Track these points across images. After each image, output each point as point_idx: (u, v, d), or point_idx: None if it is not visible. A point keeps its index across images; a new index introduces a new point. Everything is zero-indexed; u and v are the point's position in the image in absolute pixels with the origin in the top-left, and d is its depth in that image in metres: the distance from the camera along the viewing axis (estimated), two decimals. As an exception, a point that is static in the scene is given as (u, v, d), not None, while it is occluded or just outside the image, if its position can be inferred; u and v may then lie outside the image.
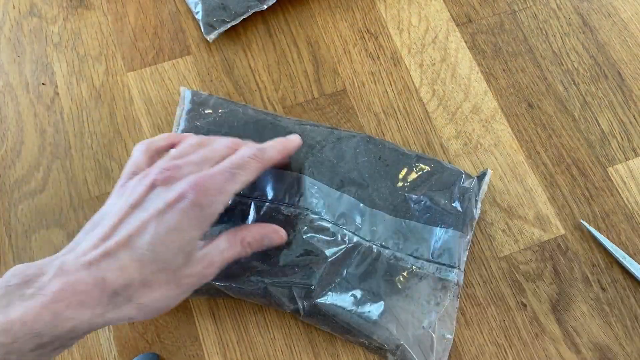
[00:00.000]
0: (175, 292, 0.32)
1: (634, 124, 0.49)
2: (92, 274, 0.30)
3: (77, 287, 0.29)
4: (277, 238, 0.38)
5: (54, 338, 0.28)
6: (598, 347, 0.42)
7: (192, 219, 0.32)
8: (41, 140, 0.48)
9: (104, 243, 0.31)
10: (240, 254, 0.35)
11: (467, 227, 0.43)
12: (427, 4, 0.53)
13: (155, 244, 0.31)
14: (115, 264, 0.30)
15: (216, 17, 0.50)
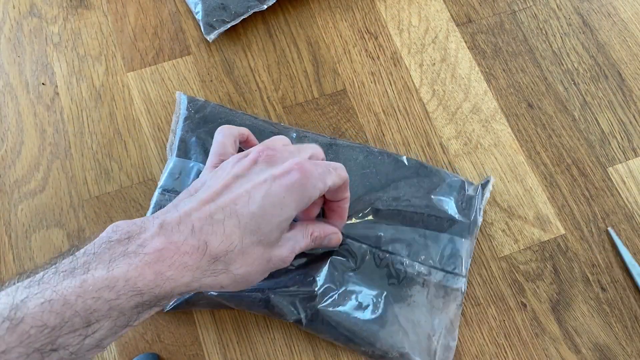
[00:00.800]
0: (263, 269, 0.32)
1: (634, 124, 0.49)
2: (196, 236, 0.30)
3: (180, 248, 0.29)
4: (335, 239, 0.38)
5: (153, 297, 0.28)
6: (598, 347, 0.42)
7: (295, 197, 0.32)
8: (41, 140, 0.48)
9: (207, 206, 0.31)
10: (308, 246, 0.36)
11: (472, 234, 0.43)
12: (427, 4, 0.53)
13: (258, 215, 0.31)
14: (219, 229, 0.30)
15: (216, 17, 0.50)
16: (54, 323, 0.25)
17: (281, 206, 0.32)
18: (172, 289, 0.29)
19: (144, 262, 0.28)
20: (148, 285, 0.28)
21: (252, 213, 0.31)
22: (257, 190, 0.32)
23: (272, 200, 0.32)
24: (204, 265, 0.30)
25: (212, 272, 0.30)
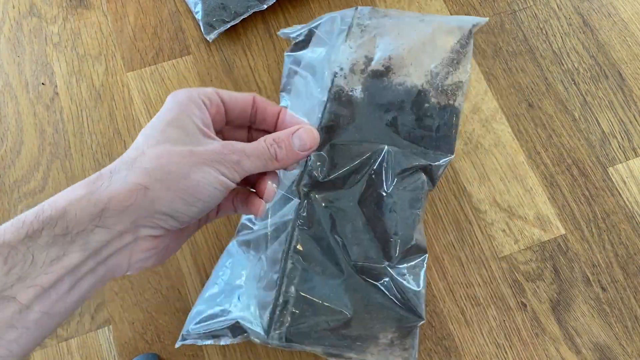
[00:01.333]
0: (187, 159, 0.29)
1: (634, 124, 0.49)
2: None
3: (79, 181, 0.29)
4: (308, 135, 0.33)
5: (41, 223, 0.26)
6: (598, 347, 0.42)
7: (170, 105, 0.32)
8: (41, 140, 0.48)
9: None
10: (264, 153, 0.32)
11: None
12: (427, 4, 0.53)
13: (142, 131, 0.31)
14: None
15: (216, 17, 0.50)
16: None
17: (158, 117, 0.31)
18: (65, 207, 0.27)
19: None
20: (31, 212, 0.26)
21: (137, 137, 0.31)
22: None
23: (154, 120, 0.31)
24: (100, 180, 0.28)
25: (117, 180, 0.28)
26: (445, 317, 0.43)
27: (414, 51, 0.39)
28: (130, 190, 0.28)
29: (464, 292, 0.44)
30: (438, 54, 0.39)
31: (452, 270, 0.44)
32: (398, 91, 0.39)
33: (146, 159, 0.29)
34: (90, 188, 0.28)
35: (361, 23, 0.40)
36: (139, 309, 0.43)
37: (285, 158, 0.33)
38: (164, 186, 0.28)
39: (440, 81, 0.39)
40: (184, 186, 0.29)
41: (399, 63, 0.39)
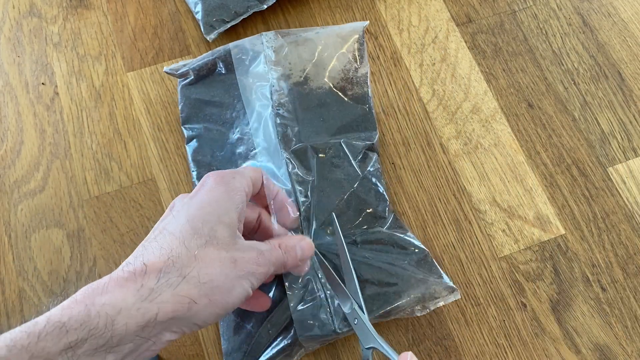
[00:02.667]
0: (233, 272, 0.30)
1: (634, 124, 0.49)
2: (131, 262, 0.28)
3: (114, 276, 0.28)
4: (307, 247, 0.36)
5: (88, 334, 0.25)
6: (598, 347, 0.42)
7: (221, 192, 0.32)
8: (41, 140, 0.48)
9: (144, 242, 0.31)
10: (280, 258, 0.34)
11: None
12: (427, 4, 0.53)
13: (192, 218, 0.31)
14: (153, 245, 0.29)
15: (216, 17, 0.50)
16: None
17: (211, 203, 0.32)
18: (114, 316, 0.25)
19: (72, 300, 0.26)
20: (75, 318, 0.25)
21: (183, 222, 0.31)
22: (183, 206, 0.32)
23: (200, 203, 0.32)
24: (149, 281, 0.27)
25: (167, 285, 0.28)
26: (445, 317, 0.43)
27: (322, 58, 0.46)
28: (178, 303, 0.28)
29: (464, 292, 0.44)
30: (343, 56, 0.46)
31: (452, 270, 0.44)
32: (320, 94, 0.45)
33: (199, 268, 0.29)
34: (140, 293, 0.27)
35: (270, 45, 0.45)
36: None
37: (291, 266, 0.36)
38: (210, 302, 0.29)
39: (352, 75, 0.46)
40: (226, 303, 0.30)
41: (313, 71, 0.45)
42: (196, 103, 0.46)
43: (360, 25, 0.47)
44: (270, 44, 0.45)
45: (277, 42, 0.45)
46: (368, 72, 0.46)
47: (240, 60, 0.45)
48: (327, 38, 0.46)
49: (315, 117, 0.44)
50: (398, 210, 0.46)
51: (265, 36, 0.45)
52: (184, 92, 0.47)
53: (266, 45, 0.45)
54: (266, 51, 0.45)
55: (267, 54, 0.45)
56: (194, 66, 0.46)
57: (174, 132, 0.49)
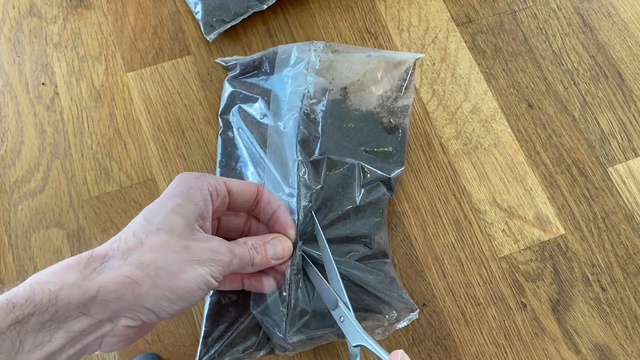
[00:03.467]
0: (183, 256, 0.30)
1: (634, 124, 0.49)
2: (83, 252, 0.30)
3: (63, 261, 0.29)
4: (282, 246, 0.37)
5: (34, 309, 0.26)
6: (598, 347, 0.42)
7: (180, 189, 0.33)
8: (41, 140, 0.48)
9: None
10: (245, 255, 0.34)
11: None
12: (427, 4, 0.53)
13: (147, 211, 0.32)
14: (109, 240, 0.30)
15: (216, 17, 0.50)
16: None
17: (168, 199, 0.32)
18: (57, 292, 0.26)
19: (21, 283, 0.27)
20: (21, 295, 0.26)
21: (139, 216, 0.31)
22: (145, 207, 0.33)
23: (157, 200, 0.32)
24: (93, 264, 0.28)
25: (109, 268, 0.28)
26: (445, 317, 0.43)
27: (365, 80, 0.45)
28: (120, 283, 0.28)
29: (464, 292, 0.44)
30: (387, 82, 0.45)
31: (452, 270, 0.44)
32: (354, 115, 0.44)
33: (143, 251, 0.29)
34: (82, 273, 0.28)
35: (317, 55, 0.45)
36: (139, 309, 0.43)
37: (259, 264, 0.35)
38: (153, 283, 0.29)
39: (391, 104, 0.45)
40: (172, 286, 0.30)
41: (353, 91, 0.45)
42: (236, 96, 0.46)
43: (413, 57, 0.46)
44: (318, 53, 0.45)
45: (326, 54, 0.45)
46: (410, 105, 0.45)
47: (284, 60, 0.45)
48: (377, 62, 0.45)
49: (342, 135, 0.43)
50: (398, 210, 0.46)
51: (315, 44, 0.45)
52: (228, 84, 0.47)
53: (314, 53, 0.45)
54: (312, 58, 0.44)
55: (311, 61, 0.44)
56: (242, 62, 0.47)
57: (174, 132, 0.49)
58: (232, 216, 0.38)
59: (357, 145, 0.43)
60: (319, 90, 0.44)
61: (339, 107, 0.44)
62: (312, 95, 0.43)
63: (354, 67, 0.45)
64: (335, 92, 0.44)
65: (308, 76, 0.43)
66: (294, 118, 0.42)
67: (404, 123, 0.45)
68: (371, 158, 0.43)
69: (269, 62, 0.46)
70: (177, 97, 0.50)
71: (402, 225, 0.46)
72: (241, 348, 0.38)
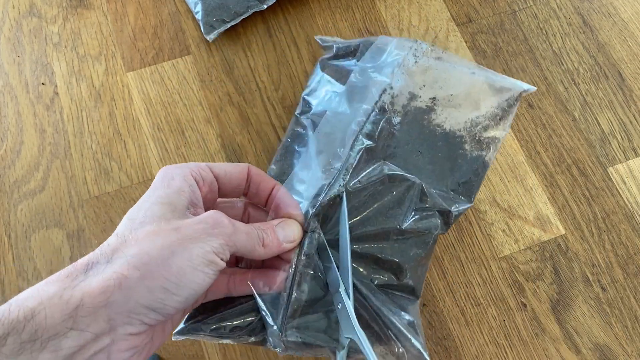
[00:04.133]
0: (173, 237, 0.27)
1: (634, 124, 0.49)
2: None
3: (47, 277, 0.26)
4: (291, 228, 0.33)
5: (11, 328, 0.23)
6: (598, 347, 0.42)
7: (158, 181, 0.30)
8: (41, 140, 0.48)
9: None
10: (253, 231, 0.31)
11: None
12: (427, 4, 0.53)
13: (129, 212, 0.29)
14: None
15: (216, 17, 0.50)
16: None
17: (148, 194, 0.29)
18: (34, 307, 0.23)
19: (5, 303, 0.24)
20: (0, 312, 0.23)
21: (123, 219, 0.28)
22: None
23: (140, 199, 0.29)
24: (76, 273, 0.25)
25: (94, 274, 0.25)
26: (445, 317, 0.43)
27: (460, 98, 0.40)
28: (105, 283, 0.25)
29: (464, 292, 0.44)
30: (484, 107, 0.40)
31: (452, 270, 0.44)
32: (436, 131, 0.39)
33: (127, 247, 0.26)
34: (63, 284, 0.25)
35: (417, 55, 0.40)
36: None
37: (271, 245, 0.31)
38: (142, 274, 0.25)
39: (479, 132, 0.40)
40: (165, 273, 0.26)
41: (443, 105, 0.40)
42: (323, 80, 0.43)
43: (521, 87, 0.41)
44: (418, 53, 0.40)
45: (427, 58, 0.40)
46: (501, 140, 0.40)
47: (378, 50, 0.41)
48: (480, 83, 0.40)
49: (414, 148, 0.38)
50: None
51: (418, 44, 0.41)
52: (320, 64, 0.44)
53: (413, 52, 0.40)
54: (408, 56, 0.40)
55: (407, 59, 0.40)
56: (340, 45, 0.44)
57: (174, 132, 0.49)
58: (228, 207, 0.35)
59: (426, 164, 0.38)
60: (405, 93, 0.39)
61: (421, 117, 0.39)
62: (395, 94, 0.38)
63: (452, 81, 0.40)
64: (422, 100, 0.39)
65: (397, 72, 0.39)
66: (363, 109, 0.37)
67: (487, 156, 0.39)
68: (438, 181, 0.38)
69: (364, 51, 0.42)
70: (177, 97, 0.50)
71: (402, 225, 0.45)
72: (230, 326, 0.34)
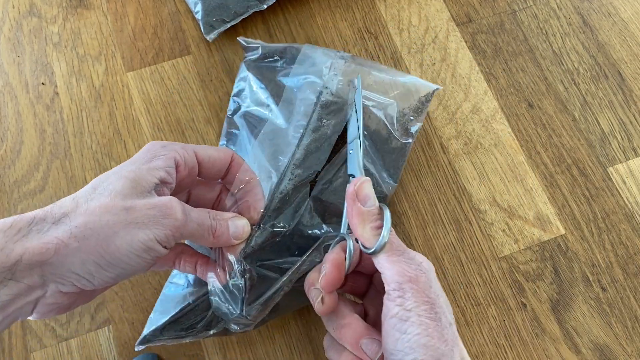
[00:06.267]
0: (121, 217, 0.28)
1: (634, 124, 0.49)
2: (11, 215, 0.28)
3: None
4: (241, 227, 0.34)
5: None
6: (598, 347, 0.42)
7: (138, 156, 0.31)
8: (41, 140, 0.48)
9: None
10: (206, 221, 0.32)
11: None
12: (427, 4, 0.53)
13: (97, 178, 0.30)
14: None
15: (216, 17, 0.50)
16: None
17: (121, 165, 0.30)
18: None
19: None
20: None
21: (88, 184, 0.29)
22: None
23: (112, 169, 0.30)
24: (19, 225, 0.27)
25: (37, 231, 0.27)
26: (445, 317, 0.43)
27: (387, 93, 0.44)
28: (44, 245, 0.27)
29: (464, 292, 0.44)
30: (410, 100, 0.45)
31: (452, 270, 0.44)
32: (370, 121, 0.43)
33: (76, 215, 0.28)
34: (6, 235, 0.27)
35: (344, 59, 0.44)
36: (139, 309, 0.43)
37: (221, 236, 0.32)
38: (79, 246, 0.27)
39: (406, 122, 0.44)
40: (102, 250, 0.27)
41: (373, 100, 0.43)
42: (249, 79, 0.45)
43: (432, 87, 0.46)
44: (345, 57, 0.44)
45: (350, 61, 0.44)
46: (419, 128, 0.45)
47: (306, 58, 0.45)
48: (403, 80, 0.45)
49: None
50: (398, 210, 0.46)
51: (341, 53, 0.45)
52: (245, 65, 0.46)
53: (339, 57, 0.44)
54: (336, 62, 0.44)
55: (336, 63, 0.44)
56: (266, 46, 0.46)
57: (174, 132, 0.49)
58: (205, 189, 0.36)
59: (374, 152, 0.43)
60: (339, 92, 0.43)
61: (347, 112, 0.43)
62: (331, 93, 0.42)
63: (378, 80, 0.44)
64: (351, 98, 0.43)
65: (330, 75, 0.43)
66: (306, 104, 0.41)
67: (410, 142, 0.44)
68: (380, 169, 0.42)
69: (290, 56, 0.45)
70: (177, 97, 0.50)
71: (402, 225, 0.46)
72: (186, 325, 0.37)
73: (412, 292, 0.28)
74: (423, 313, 0.27)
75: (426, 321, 0.27)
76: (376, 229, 0.30)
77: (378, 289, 0.34)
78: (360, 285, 0.35)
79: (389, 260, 0.29)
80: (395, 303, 0.28)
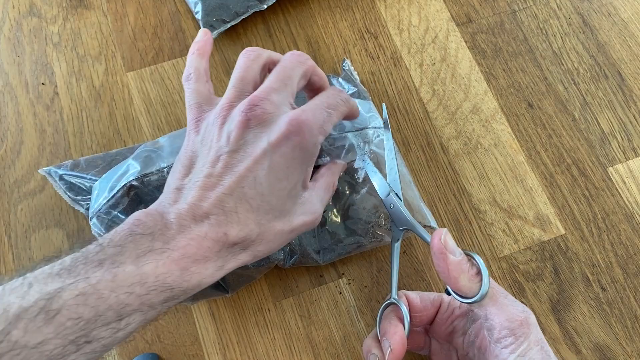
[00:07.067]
0: (286, 238, 0.33)
1: (634, 124, 0.49)
2: (214, 229, 0.30)
3: (202, 244, 0.29)
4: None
5: (181, 291, 0.29)
6: (598, 347, 0.42)
7: (298, 161, 0.32)
8: (41, 140, 0.48)
9: (214, 192, 0.30)
10: (329, 191, 0.36)
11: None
12: (427, 4, 0.53)
13: (267, 193, 0.31)
14: (233, 218, 0.30)
15: (216, 17, 0.50)
16: (88, 316, 0.25)
17: (287, 176, 0.31)
18: (199, 281, 0.29)
19: (171, 259, 0.28)
20: (176, 281, 0.28)
21: (261, 194, 0.31)
22: (259, 167, 0.31)
23: (277, 175, 0.31)
24: (224, 253, 0.30)
25: (233, 256, 0.31)
26: (445, 317, 0.43)
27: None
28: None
29: (464, 292, 0.44)
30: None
31: (452, 270, 0.44)
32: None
33: (258, 244, 0.33)
34: (216, 265, 0.31)
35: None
36: (139, 309, 0.43)
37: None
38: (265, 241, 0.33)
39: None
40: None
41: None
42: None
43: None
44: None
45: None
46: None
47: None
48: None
49: None
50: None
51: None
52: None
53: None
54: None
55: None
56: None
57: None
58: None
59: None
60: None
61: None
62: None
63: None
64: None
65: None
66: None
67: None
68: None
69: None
70: (177, 97, 0.50)
71: (402, 225, 0.46)
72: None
73: (524, 336, 0.29)
74: (536, 356, 0.29)
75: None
76: (475, 277, 0.31)
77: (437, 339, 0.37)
78: (418, 341, 0.38)
79: (497, 306, 0.30)
80: (509, 350, 0.29)
